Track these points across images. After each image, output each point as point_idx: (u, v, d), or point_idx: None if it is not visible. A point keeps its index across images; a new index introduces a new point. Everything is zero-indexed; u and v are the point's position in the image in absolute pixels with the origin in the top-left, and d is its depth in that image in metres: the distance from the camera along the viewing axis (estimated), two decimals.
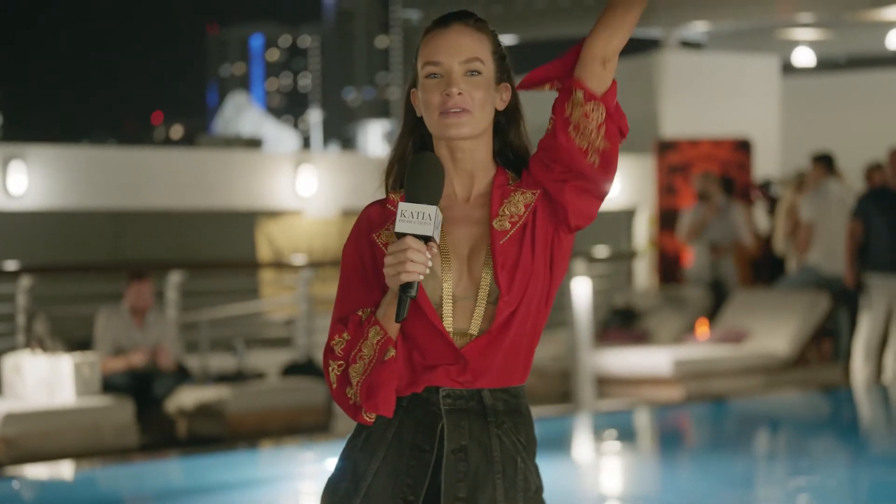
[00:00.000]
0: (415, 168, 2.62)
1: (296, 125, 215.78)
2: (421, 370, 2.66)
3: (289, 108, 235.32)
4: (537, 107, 2.96)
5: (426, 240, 2.56)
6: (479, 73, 2.70)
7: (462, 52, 2.69)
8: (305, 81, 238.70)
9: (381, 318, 2.62)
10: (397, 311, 2.56)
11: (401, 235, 2.56)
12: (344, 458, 2.74)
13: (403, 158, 2.80)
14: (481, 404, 2.66)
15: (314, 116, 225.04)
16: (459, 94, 2.66)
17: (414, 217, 2.55)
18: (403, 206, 2.56)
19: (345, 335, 2.66)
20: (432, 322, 2.64)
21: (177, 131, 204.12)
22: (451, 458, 2.63)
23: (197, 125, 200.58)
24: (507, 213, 2.69)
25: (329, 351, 2.68)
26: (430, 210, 2.55)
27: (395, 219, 2.64)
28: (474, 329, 2.66)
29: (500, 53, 2.77)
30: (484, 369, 2.65)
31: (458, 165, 2.74)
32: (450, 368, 2.65)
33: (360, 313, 2.67)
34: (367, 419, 2.65)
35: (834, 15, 15.69)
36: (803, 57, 17.63)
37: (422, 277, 2.55)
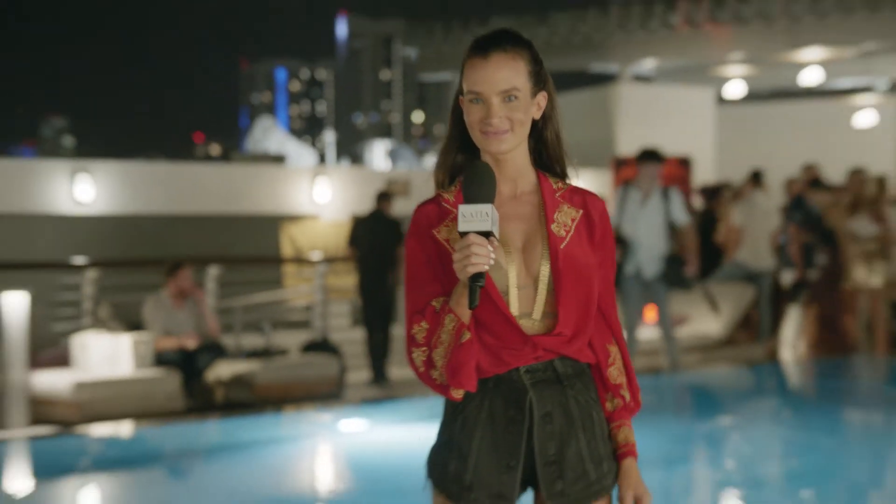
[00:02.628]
0: (470, 175, 2.49)
1: (313, 144, 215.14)
2: (498, 351, 2.56)
3: (307, 130, 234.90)
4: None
5: (487, 234, 2.44)
6: (516, 98, 2.54)
7: (500, 83, 2.52)
8: (321, 108, 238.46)
9: (454, 307, 2.51)
10: (469, 299, 2.44)
11: (464, 234, 2.44)
12: (445, 442, 2.63)
13: (454, 161, 2.68)
14: (556, 373, 2.58)
15: (328, 137, 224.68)
16: (499, 120, 2.53)
17: (473, 216, 2.43)
18: (463, 208, 2.44)
19: (423, 324, 2.56)
20: (500, 308, 2.53)
21: (214, 149, 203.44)
22: (539, 423, 2.55)
23: (231, 144, 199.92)
24: (561, 221, 2.59)
25: (411, 339, 2.58)
26: (487, 208, 2.44)
27: (453, 216, 2.57)
28: (537, 314, 2.56)
29: (535, 70, 2.59)
30: (548, 346, 2.58)
31: (502, 171, 2.62)
32: (523, 349, 2.56)
33: (434, 304, 2.56)
34: (456, 396, 2.56)
35: (758, 56, 15.76)
36: (734, 90, 17.67)
37: (487, 268, 2.43)
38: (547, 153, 2.68)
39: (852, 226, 11.68)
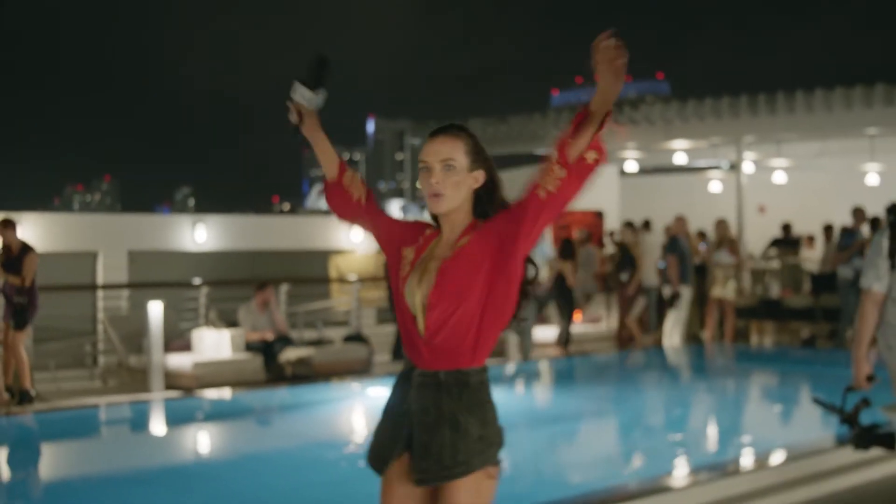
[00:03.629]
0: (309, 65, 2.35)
1: None
2: (412, 353, 2.27)
3: None
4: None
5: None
6: (453, 167, 2.22)
7: (440, 153, 2.23)
8: None
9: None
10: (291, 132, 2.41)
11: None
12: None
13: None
14: (437, 380, 2.21)
15: None
16: (436, 182, 2.22)
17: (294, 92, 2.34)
18: (294, 86, 2.32)
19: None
20: (407, 322, 2.26)
21: (286, 206, 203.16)
22: (418, 415, 2.23)
23: (297, 203, 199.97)
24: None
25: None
26: (296, 90, 2.33)
27: (419, 243, 2.33)
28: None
29: (473, 152, 2.26)
30: (436, 359, 2.22)
31: (448, 223, 2.28)
32: (421, 356, 2.25)
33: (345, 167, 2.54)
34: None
35: (645, 144, 15.80)
36: (630, 166, 17.69)
37: (293, 121, 2.35)
38: (493, 214, 2.29)
39: (716, 256, 11.72)
